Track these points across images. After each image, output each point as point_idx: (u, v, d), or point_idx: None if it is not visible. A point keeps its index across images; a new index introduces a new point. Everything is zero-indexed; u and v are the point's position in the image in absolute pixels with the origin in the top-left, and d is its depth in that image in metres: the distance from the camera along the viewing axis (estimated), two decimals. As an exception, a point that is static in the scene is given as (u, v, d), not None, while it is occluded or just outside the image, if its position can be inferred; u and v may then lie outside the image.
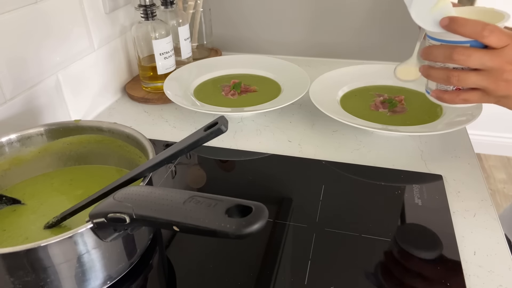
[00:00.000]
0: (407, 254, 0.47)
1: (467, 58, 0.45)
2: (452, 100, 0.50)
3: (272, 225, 0.51)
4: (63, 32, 0.68)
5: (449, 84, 0.49)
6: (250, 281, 0.44)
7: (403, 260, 0.46)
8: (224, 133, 0.37)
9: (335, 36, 0.97)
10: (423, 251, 0.47)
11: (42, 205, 0.50)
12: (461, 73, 0.47)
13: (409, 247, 0.47)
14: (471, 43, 0.46)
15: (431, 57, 0.49)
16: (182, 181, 0.61)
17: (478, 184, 0.57)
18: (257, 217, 0.29)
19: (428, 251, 0.47)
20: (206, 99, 0.76)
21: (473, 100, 0.49)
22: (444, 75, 0.48)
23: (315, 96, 0.71)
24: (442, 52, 0.47)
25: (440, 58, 0.48)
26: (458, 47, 0.46)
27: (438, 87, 0.52)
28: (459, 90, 0.49)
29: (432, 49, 0.49)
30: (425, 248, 0.47)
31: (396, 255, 0.47)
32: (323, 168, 0.61)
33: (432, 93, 0.53)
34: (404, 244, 0.48)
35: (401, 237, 0.49)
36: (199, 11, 0.93)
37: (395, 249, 0.47)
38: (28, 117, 0.63)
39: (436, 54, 0.48)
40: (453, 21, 0.45)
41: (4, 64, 0.58)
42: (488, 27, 0.44)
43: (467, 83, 0.47)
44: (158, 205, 0.33)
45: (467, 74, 0.47)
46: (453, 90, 0.50)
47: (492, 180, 1.94)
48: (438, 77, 0.49)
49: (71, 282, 0.39)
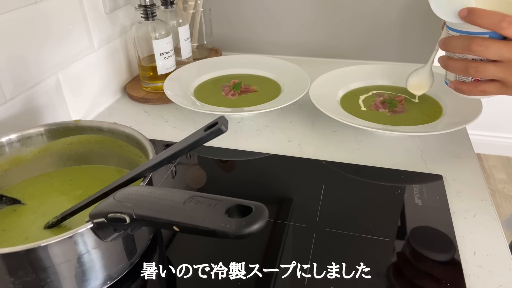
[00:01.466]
0: (407, 254, 0.47)
1: (485, 49, 0.45)
2: (470, 92, 0.50)
3: (272, 225, 0.51)
4: (63, 32, 0.68)
5: (467, 75, 0.49)
6: (250, 281, 0.44)
7: (403, 260, 0.46)
8: (224, 133, 0.37)
9: (335, 36, 0.97)
10: (423, 251, 0.47)
11: (42, 205, 0.50)
12: (479, 64, 0.47)
13: (409, 247, 0.47)
14: (490, 34, 0.46)
15: (450, 47, 0.49)
16: (182, 181, 0.61)
17: (478, 184, 0.57)
18: (257, 217, 0.29)
19: (428, 251, 0.47)
20: (206, 99, 0.76)
21: (491, 91, 0.49)
22: (462, 66, 0.48)
23: (315, 96, 0.71)
24: (461, 43, 0.47)
25: (458, 49, 0.48)
26: (476, 38, 0.46)
27: (456, 78, 0.52)
28: (477, 82, 0.49)
29: (450, 39, 0.49)
30: (425, 248, 0.47)
31: (396, 255, 0.47)
32: (323, 168, 0.61)
33: (451, 84, 0.53)
34: (404, 244, 0.48)
35: (401, 238, 0.49)
36: (199, 11, 0.93)
37: (395, 249, 0.47)
38: (28, 117, 0.63)
39: (455, 45, 0.48)
40: (472, 12, 0.45)
41: (4, 64, 0.58)
42: (507, 18, 0.43)
43: (485, 75, 0.47)
44: (158, 205, 0.33)
45: (485, 66, 0.46)
46: (472, 81, 0.50)
47: (492, 180, 1.94)
48: (456, 68, 0.49)
49: (71, 282, 0.39)
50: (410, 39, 0.93)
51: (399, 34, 0.93)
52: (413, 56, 0.94)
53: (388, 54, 0.96)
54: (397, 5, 0.90)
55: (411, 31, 0.92)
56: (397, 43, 0.94)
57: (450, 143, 0.66)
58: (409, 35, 0.93)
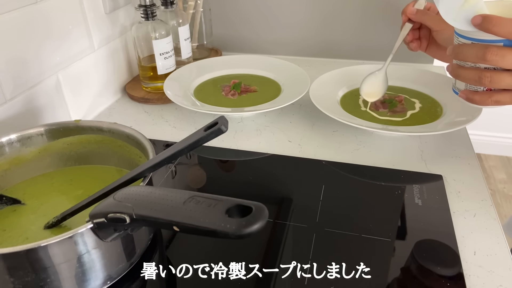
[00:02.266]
0: (406, 254, 0.47)
1: (501, 59, 0.43)
2: (483, 102, 0.47)
3: (272, 225, 0.51)
4: (63, 32, 0.68)
5: (481, 85, 0.46)
6: (250, 281, 0.44)
7: (402, 260, 0.46)
8: (224, 133, 0.37)
9: (335, 36, 0.97)
10: (422, 251, 0.47)
11: (42, 205, 0.50)
12: (494, 74, 0.45)
13: (408, 248, 0.47)
14: (504, 42, 0.43)
15: (462, 56, 0.46)
16: (182, 181, 0.61)
17: (478, 184, 0.57)
18: (257, 217, 0.29)
19: (427, 251, 0.47)
20: (206, 99, 0.76)
21: (506, 102, 0.46)
22: (476, 76, 0.46)
23: (315, 96, 0.71)
24: (475, 52, 0.44)
25: (471, 58, 0.45)
26: (492, 47, 0.43)
27: (467, 87, 0.49)
28: (490, 91, 0.47)
29: (463, 48, 0.46)
30: (424, 248, 0.47)
31: (395, 255, 0.47)
32: (323, 168, 0.61)
33: (461, 94, 0.50)
34: (403, 244, 0.48)
35: (401, 238, 0.49)
36: (199, 11, 0.93)
37: (395, 249, 0.47)
38: (28, 117, 0.63)
39: (468, 54, 0.45)
40: (487, 20, 0.43)
41: (4, 64, 0.58)
42: None
43: (500, 85, 0.45)
44: (158, 205, 0.33)
45: (501, 75, 0.44)
46: (484, 91, 0.47)
47: (492, 180, 1.94)
48: (468, 77, 0.47)
49: (71, 282, 0.39)
50: (410, 39, 0.93)
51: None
52: (413, 56, 0.94)
53: (387, 54, 0.96)
54: (397, 6, 0.90)
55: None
56: (397, 43, 0.94)
57: (450, 143, 0.66)
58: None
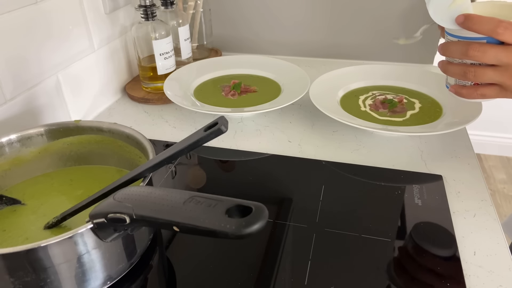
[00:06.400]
0: (407, 254, 0.47)
1: (482, 55, 0.46)
2: (470, 95, 0.51)
3: (272, 225, 0.51)
4: (63, 33, 0.68)
5: (466, 80, 0.50)
6: (250, 281, 0.44)
7: (403, 261, 0.46)
8: (224, 133, 0.37)
9: (335, 36, 0.97)
10: (423, 251, 0.47)
11: (42, 205, 0.50)
12: (478, 69, 0.48)
13: (408, 248, 0.47)
14: (487, 39, 0.46)
15: (448, 53, 0.50)
16: (182, 181, 0.61)
17: (478, 184, 0.57)
18: (257, 217, 0.29)
19: (428, 252, 0.47)
20: (206, 99, 0.76)
21: (491, 95, 0.49)
22: (461, 71, 0.49)
23: (315, 96, 0.71)
24: (459, 48, 0.48)
25: (456, 54, 0.49)
26: (474, 44, 0.47)
27: (457, 82, 0.53)
28: (477, 85, 0.50)
29: (449, 45, 0.50)
30: (425, 248, 0.47)
31: (396, 255, 0.47)
32: (323, 168, 0.61)
33: (451, 88, 0.54)
34: (403, 244, 0.48)
35: (401, 238, 0.49)
36: (199, 12, 0.93)
37: (395, 249, 0.47)
38: (28, 117, 0.63)
39: (453, 50, 0.49)
40: (468, 18, 0.46)
41: (4, 64, 0.58)
42: (502, 24, 0.44)
43: (483, 79, 0.48)
44: (158, 205, 0.33)
45: (484, 70, 0.47)
46: (471, 85, 0.51)
47: (492, 180, 1.94)
48: (455, 72, 0.50)
49: (71, 282, 0.39)
50: (410, 39, 0.93)
51: (399, 35, 0.93)
52: (413, 57, 0.95)
53: (388, 54, 0.96)
54: (397, 6, 0.90)
55: (411, 32, 0.92)
56: (397, 44, 0.94)
57: (450, 143, 0.66)
58: (409, 35, 0.92)
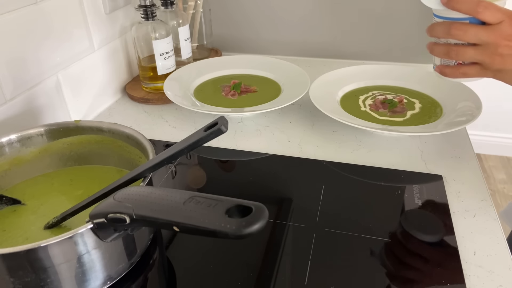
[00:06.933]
0: (407, 254, 0.47)
1: (464, 33, 0.49)
2: (453, 74, 0.54)
3: (272, 225, 0.51)
4: (63, 33, 0.68)
5: (449, 58, 0.53)
6: (250, 281, 0.44)
7: (403, 260, 0.46)
8: (224, 133, 0.37)
9: (335, 36, 0.97)
10: (423, 251, 0.47)
11: (42, 206, 0.50)
12: (460, 48, 0.51)
13: (409, 248, 0.47)
14: (470, 19, 0.49)
15: (433, 33, 0.53)
16: (182, 181, 0.61)
17: (478, 184, 0.57)
18: (257, 217, 0.29)
19: (428, 252, 0.47)
20: (206, 99, 0.76)
21: (472, 74, 0.52)
22: (445, 50, 0.52)
23: (315, 96, 0.71)
24: (442, 28, 0.51)
25: (440, 34, 0.52)
26: (456, 23, 0.50)
27: (442, 62, 0.55)
28: (460, 65, 0.53)
29: (434, 25, 0.53)
30: (425, 248, 0.47)
31: (396, 255, 0.47)
32: (323, 168, 0.61)
33: (436, 68, 0.57)
34: (403, 244, 0.48)
35: (401, 238, 0.49)
36: (199, 12, 0.93)
37: (395, 249, 0.47)
38: (28, 117, 0.63)
39: (437, 30, 0.52)
40: None
41: (4, 65, 0.58)
42: (482, 3, 0.47)
43: (465, 57, 0.51)
44: (158, 205, 0.33)
45: (465, 49, 0.50)
46: (455, 65, 0.54)
47: (492, 180, 1.94)
48: (439, 52, 0.53)
49: (71, 282, 0.39)
50: (410, 40, 0.93)
51: (399, 35, 0.93)
52: (413, 57, 0.94)
53: (388, 54, 0.96)
54: (397, 6, 0.90)
55: (411, 32, 0.92)
56: (397, 44, 0.94)
57: (450, 143, 0.66)
58: (409, 35, 0.93)
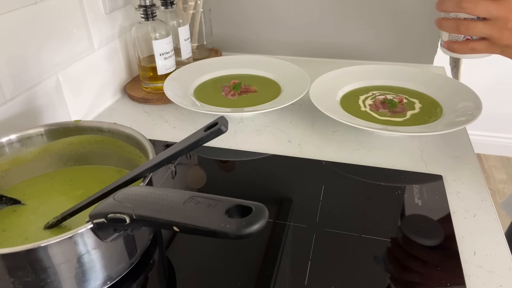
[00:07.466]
0: (407, 254, 0.47)
1: (474, 7, 0.50)
2: (461, 49, 0.54)
3: (272, 225, 0.51)
4: (63, 33, 0.68)
5: (458, 33, 0.53)
6: (250, 281, 0.44)
7: (403, 260, 0.46)
8: (224, 133, 0.37)
9: (335, 36, 0.97)
10: (423, 252, 0.47)
11: (42, 206, 0.50)
12: (470, 22, 0.52)
13: (408, 248, 0.47)
14: None
15: (444, 7, 0.53)
16: (182, 181, 0.61)
17: (478, 184, 0.57)
18: (257, 217, 0.29)
19: (428, 252, 0.47)
20: (206, 99, 0.76)
21: (480, 49, 0.53)
22: (454, 24, 0.53)
23: (315, 96, 0.71)
24: (453, 1, 0.52)
25: (451, 7, 0.52)
26: None
27: (450, 38, 0.56)
28: (468, 40, 0.54)
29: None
30: (425, 248, 0.47)
31: (395, 255, 0.47)
32: (323, 168, 0.61)
33: (444, 44, 0.57)
34: (403, 244, 0.48)
35: (401, 238, 0.49)
36: (199, 12, 0.93)
37: (395, 249, 0.47)
38: (28, 117, 0.63)
39: (448, 4, 0.53)
40: None
41: (4, 65, 0.58)
42: None
43: (474, 32, 0.52)
44: (158, 205, 0.33)
45: (475, 23, 0.51)
46: (463, 40, 0.54)
47: (492, 180, 1.94)
48: (449, 26, 0.54)
49: (71, 282, 0.39)
50: (410, 40, 0.93)
51: (400, 35, 0.93)
52: (414, 57, 0.95)
53: (388, 54, 0.96)
54: (397, 5, 0.90)
55: (411, 32, 0.92)
56: (398, 44, 0.94)
57: (450, 143, 0.66)
58: (410, 35, 0.93)
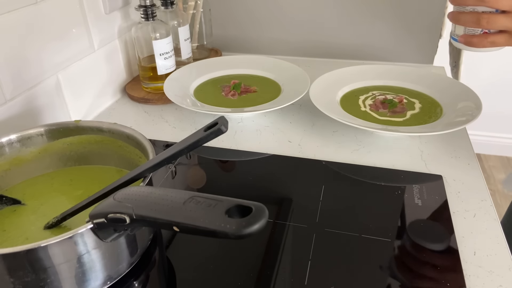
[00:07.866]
0: (407, 254, 0.47)
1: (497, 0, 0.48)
2: (480, 43, 0.53)
3: (272, 225, 0.51)
4: (63, 33, 0.68)
5: (479, 27, 0.52)
6: (250, 281, 0.44)
7: (403, 261, 0.46)
8: (224, 133, 0.37)
9: (335, 36, 0.97)
10: (422, 251, 0.47)
11: (42, 206, 0.50)
12: (491, 15, 0.50)
13: (408, 248, 0.47)
14: None
15: (463, 1, 0.52)
16: (182, 181, 0.61)
17: (478, 184, 0.57)
18: (257, 217, 0.29)
19: (427, 252, 0.47)
20: (206, 99, 0.76)
21: (500, 42, 0.52)
22: (474, 18, 0.51)
23: (315, 97, 0.71)
24: None
25: (471, 1, 0.50)
26: None
27: (465, 31, 0.54)
28: (486, 34, 0.52)
29: None
30: (424, 248, 0.47)
31: (395, 255, 0.47)
32: (323, 168, 0.61)
33: (460, 38, 0.55)
34: (403, 244, 0.48)
35: (401, 238, 0.49)
36: (199, 12, 0.93)
37: (395, 249, 0.47)
38: (28, 117, 0.63)
39: None
40: None
41: (4, 64, 0.58)
42: None
43: (496, 25, 0.50)
44: (158, 205, 0.33)
45: (496, 16, 0.50)
46: (481, 33, 0.52)
47: (492, 180, 1.94)
48: (467, 20, 0.52)
49: (71, 282, 0.39)
50: (410, 40, 0.93)
51: (400, 35, 0.93)
52: (414, 57, 0.95)
53: (388, 54, 0.96)
54: (397, 5, 0.90)
55: (411, 32, 0.92)
56: (398, 44, 0.94)
57: (450, 143, 0.66)
58: (410, 35, 0.93)
